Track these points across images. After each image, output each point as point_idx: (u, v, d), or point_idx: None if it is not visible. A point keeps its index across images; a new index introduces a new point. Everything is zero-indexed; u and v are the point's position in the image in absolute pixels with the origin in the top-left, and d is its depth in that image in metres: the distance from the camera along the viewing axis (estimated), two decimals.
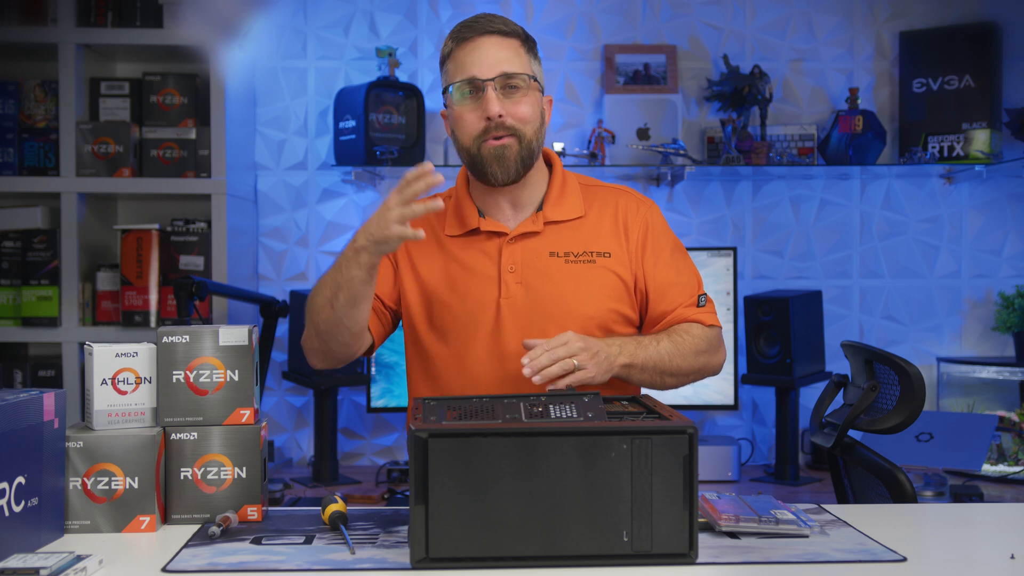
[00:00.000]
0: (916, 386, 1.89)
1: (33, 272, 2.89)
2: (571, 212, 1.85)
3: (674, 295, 1.85)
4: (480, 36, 1.77)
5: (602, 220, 1.86)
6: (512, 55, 1.77)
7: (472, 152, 1.78)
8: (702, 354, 1.83)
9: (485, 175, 1.79)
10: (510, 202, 1.85)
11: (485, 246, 1.83)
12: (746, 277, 3.23)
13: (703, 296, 1.88)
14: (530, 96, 1.78)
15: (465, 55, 1.77)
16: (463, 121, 1.78)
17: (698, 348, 1.82)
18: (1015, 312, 3.08)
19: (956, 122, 3.12)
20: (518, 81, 1.76)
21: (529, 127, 1.78)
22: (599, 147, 3.07)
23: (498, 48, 1.76)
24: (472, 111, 1.77)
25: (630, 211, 1.87)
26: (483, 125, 1.76)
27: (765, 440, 3.24)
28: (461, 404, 1.44)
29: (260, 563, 1.32)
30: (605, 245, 1.83)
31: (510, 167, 1.77)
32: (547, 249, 1.82)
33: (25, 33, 2.86)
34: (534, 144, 1.80)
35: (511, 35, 1.79)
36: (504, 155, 1.76)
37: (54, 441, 1.44)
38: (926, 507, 1.74)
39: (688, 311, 1.85)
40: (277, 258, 3.21)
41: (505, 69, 1.75)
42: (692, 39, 3.23)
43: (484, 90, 1.75)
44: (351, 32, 3.20)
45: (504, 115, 1.75)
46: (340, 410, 3.14)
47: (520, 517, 1.28)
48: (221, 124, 2.86)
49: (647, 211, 1.89)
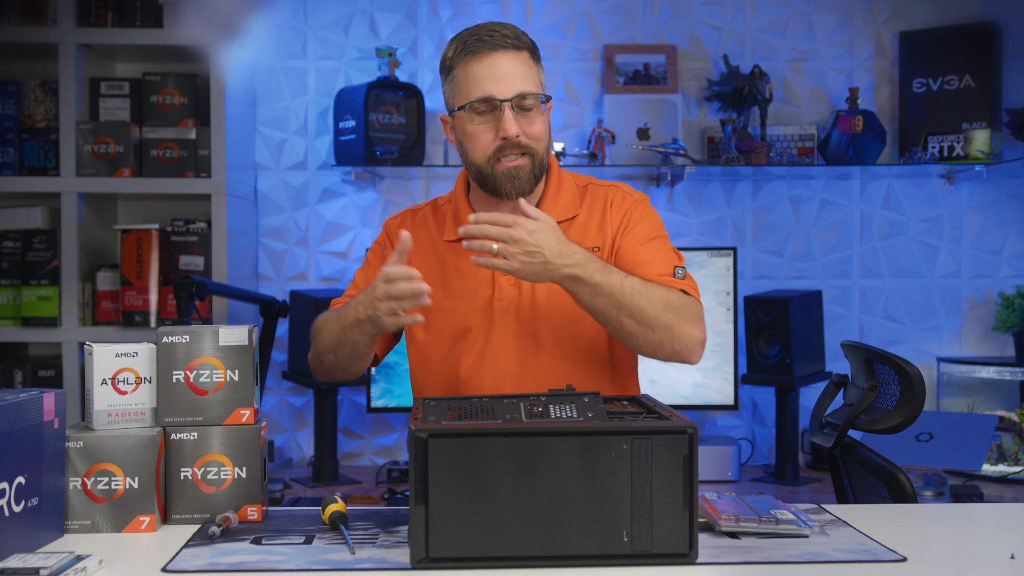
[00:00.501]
0: (916, 386, 1.89)
1: (33, 272, 2.89)
2: (565, 213, 1.85)
3: (648, 269, 1.77)
4: (494, 52, 1.75)
5: (592, 216, 1.86)
6: (526, 70, 1.76)
7: (485, 171, 1.78)
8: (671, 310, 1.69)
9: (497, 192, 1.79)
10: (511, 208, 1.84)
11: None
12: (746, 277, 3.23)
13: (681, 269, 1.79)
14: (542, 114, 1.79)
15: (480, 70, 1.75)
16: (476, 140, 1.77)
17: (668, 302, 1.69)
18: (1015, 312, 3.08)
19: (956, 122, 3.12)
20: (531, 102, 1.76)
21: (541, 145, 1.78)
22: (599, 147, 3.07)
23: (512, 64, 1.75)
24: (486, 130, 1.76)
25: (616, 202, 1.86)
26: (497, 144, 1.75)
27: (765, 440, 3.24)
28: (461, 404, 1.44)
29: (260, 563, 1.32)
30: (593, 240, 1.83)
31: (523, 185, 1.78)
32: None
33: (25, 33, 2.86)
34: (545, 160, 1.81)
35: (523, 48, 1.78)
36: (518, 175, 1.76)
37: (54, 441, 1.44)
38: (926, 507, 1.74)
39: (663, 279, 1.75)
40: (277, 258, 3.21)
41: (521, 89, 1.74)
42: (692, 39, 3.23)
43: (501, 110, 1.74)
44: (351, 32, 3.20)
45: (520, 135, 1.74)
46: (340, 410, 3.14)
47: (520, 517, 1.28)
48: (221, 124, 2.86)
49: (632, 201, 1.86)
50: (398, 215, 1.98)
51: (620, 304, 1.65)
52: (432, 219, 1.92)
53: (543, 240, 1.61)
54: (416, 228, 1.91)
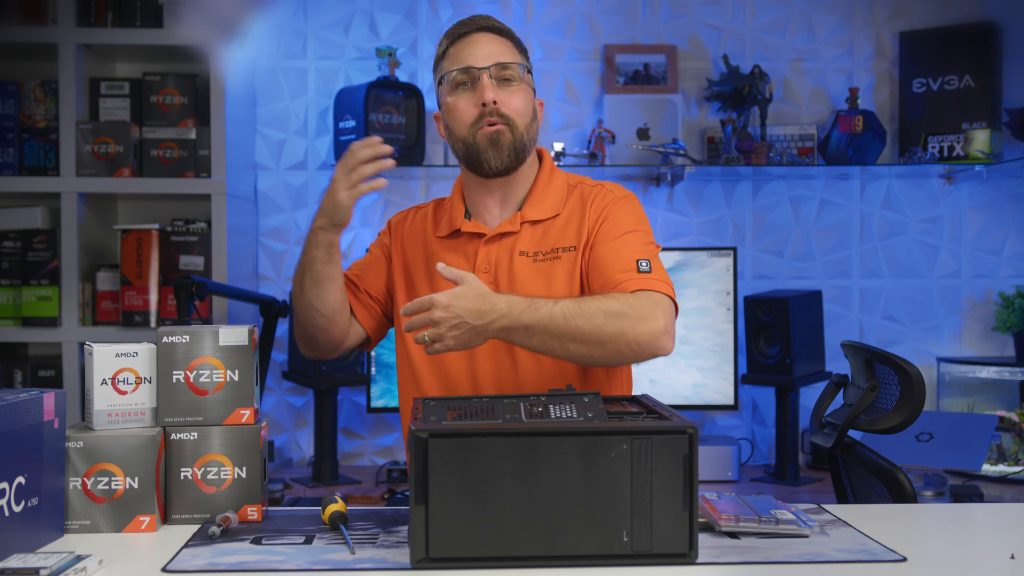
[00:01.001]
0: (916, 386, 1.89)
1: (33, 272, 2.89)
2: (549, 211, 1.83)
3: (608, 265, 1.73)
4: (475, 32, 1.80)
5: (572, 217, 1.83)
6: (506, 50, 1.80)
7: (468, 141, 1.78)
8: (615, 317, 1.60)
9: (480, 163, 1.79)
10: (499, 200, 1.84)
11: (465, 247, 1.84)
12: (746, 277, 3.23)
13: (644, 261, 1.71)
14: (524, 90, 1.80)
15: (460, 49, 1.80)
16: (457, 111, 1.79)
17: (608, 310, 1.61)
18: (1015, 312, 3.08)
19: (956, 122, 3.12)
20: (511, 73, 1.78)
21: (521, 120, 1.79)
22: (599, 147, 3.07)
23: (492, 43, 1.80)
24: (467, 100, 1.78)
25: (596, 200, 1.82)
26: (477, 112, 1.77)
27: (765, 440, 3.24)
28: (461, 404, 1.44)
29: (260, 563, 1.32)
30: (571, 240, 1.81)
31: (503, 153, 1.77)
32: (518, 249, 1.81)
33: (25, 33, 2.86)
34: (526, 138, 1.80)
35: (505, 34, 1.82)
36: (499, 140, 1.76)
37: (54, 441, 1.44)
38: (926, 507, 1.74)
39: (620, 277, 1.70)
40: (277, 258, 3.21)
41: (499, 59, 1.78)
42: (692, 39, 3.23)
43: (479, 79, 1.77)
44: (351, 32, 3.20)
45: (498, 102, 1.76)
46: (340, 410, 3.14)
47: (520, 517, 1.28)
48: (221, 124, 2.87)
49: (612, 199, 1.82)
50: (402, 212, 1.99)
51: (559, 334, 1.60)
52: (431, 216, 1.93)
53: (460, 308, 1.57)
54: (416, 224, 1.93)
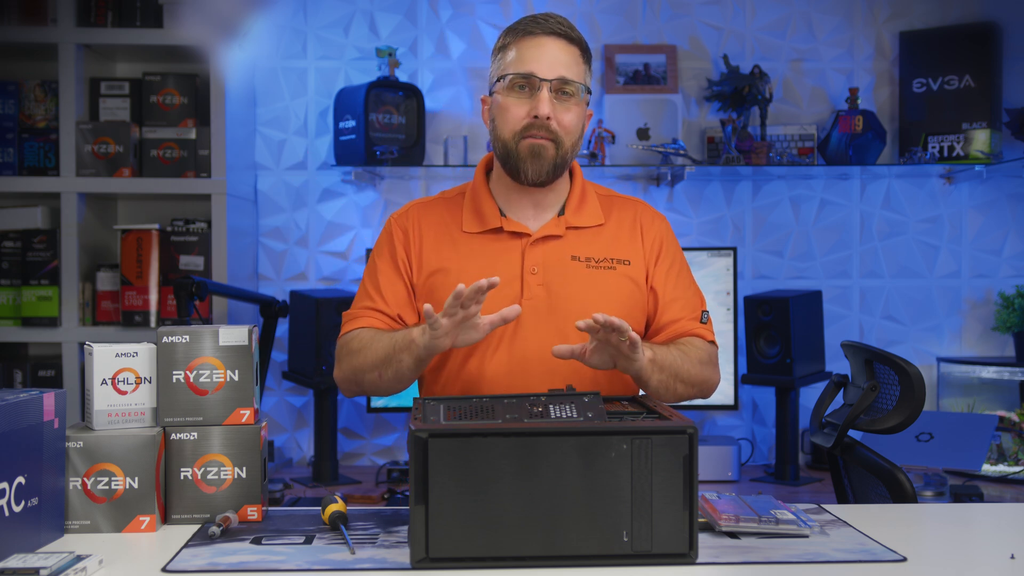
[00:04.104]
0: (916, 386, 1.89)
1: (33, 272, 2.89)
2: (592, 219, 1.86)
3: (680, 307, 1.86)
4: (546, 35, 1.76)
5: (621, 228, 1.87)
6: (572, 62, 1.77)
7: (510, 146, 1.77)
8: (706, 366, 1.82)
9: (517, 171, 1.78)
10: (532, 204, 1.83)
11: (507, 245, 1.81)
12: (746, 277, 3.23)
13: (706, 313, 1.89)
14: (579, 107, 1.78)
15: (527, 49, 1.76)
16: (508, 113, 1.76)
17: (702, 359, 1.81)
18: (1015, 312, 3.08)
19: (956, 122, 3.12)
20: (572, 89, 1.76)
21: (569, 137, 1.78)
22: (599, 147, 3.06)
23: (561, 51, 1.76)
24: (521, 105, 1.76)
25: (646, 220, 1.89)
26: (527, 122, 1.75)
27: (765, 440, 3.24)
28: (461, 404, 1.44)
29: (260, 563, 1.32)
30: (625, 253, 1.84)
31: (543, 167, 1.76)
32: (569, 253, 1.81)
33: (25, 33, 2.86)
34: (569, 155, 1.80)
35: (575, 42, 1.79)
36: (541, 153, 1.75)
37: (54, 441, 1.44)
38: (926, 507, 1.74)
39: (691, 324, 1.86)
40: (277, 258, 3.21)
41: (563, 74, 1.75)
42: (692, 39, 3.23)
43: (539, 89, 1.74)
44: (351, 32, 3.20)
45: (551, 118, 1.74)
46: (340, 410, 3.14)
47: (520, 517, 1.28)
48: (221, 124, 2.87)
49: (662, 224, 1.92)
50: (402, 209, 1.91)
51: (676, 374, 1.74)
52: (446, 210, 1.87)
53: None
54: (428, 219, 1.87)
